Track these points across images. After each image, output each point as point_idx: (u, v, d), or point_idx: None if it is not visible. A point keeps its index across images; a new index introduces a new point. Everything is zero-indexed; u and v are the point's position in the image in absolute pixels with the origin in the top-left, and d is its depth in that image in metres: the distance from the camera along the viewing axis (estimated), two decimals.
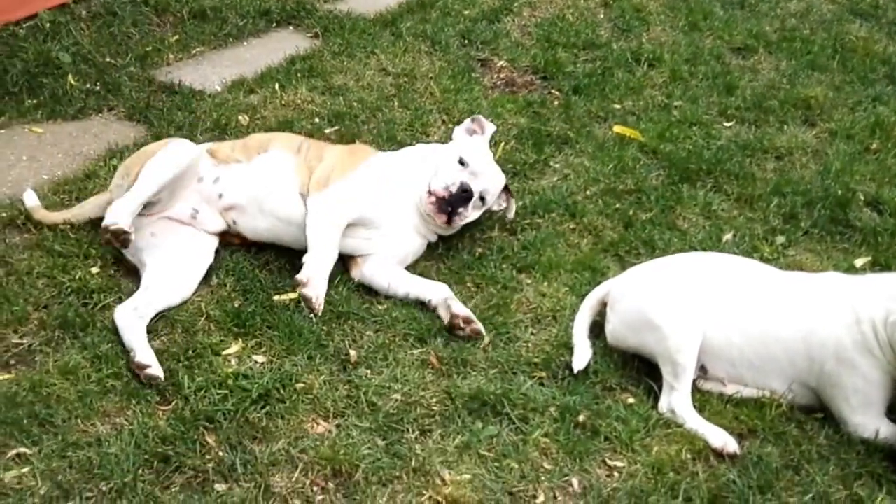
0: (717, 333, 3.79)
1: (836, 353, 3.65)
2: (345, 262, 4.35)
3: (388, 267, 4.33)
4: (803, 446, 3.61)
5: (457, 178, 4.44)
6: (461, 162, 4.49)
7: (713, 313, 3.80)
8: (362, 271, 4.32)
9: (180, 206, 4.33)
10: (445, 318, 4.12)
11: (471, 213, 4.51)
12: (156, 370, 3.70)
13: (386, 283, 4.29)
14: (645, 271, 4.04)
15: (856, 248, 4.75)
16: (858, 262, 4.61)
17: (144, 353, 3.75)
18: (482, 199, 4.52)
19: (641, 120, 5.68)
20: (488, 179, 4.54)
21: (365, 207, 4.34)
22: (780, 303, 3.80)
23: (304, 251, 4.22)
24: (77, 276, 4.13)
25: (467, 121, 4.78)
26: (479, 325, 4.08)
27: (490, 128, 4.77)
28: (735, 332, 3.79)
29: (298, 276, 4.04)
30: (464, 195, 4.42)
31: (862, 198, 5.08)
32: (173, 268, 4.12)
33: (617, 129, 5.53)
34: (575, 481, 3.45)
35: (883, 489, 3.47)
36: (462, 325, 4.07)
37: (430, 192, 4.42)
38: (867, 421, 3.63)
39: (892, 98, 6.13)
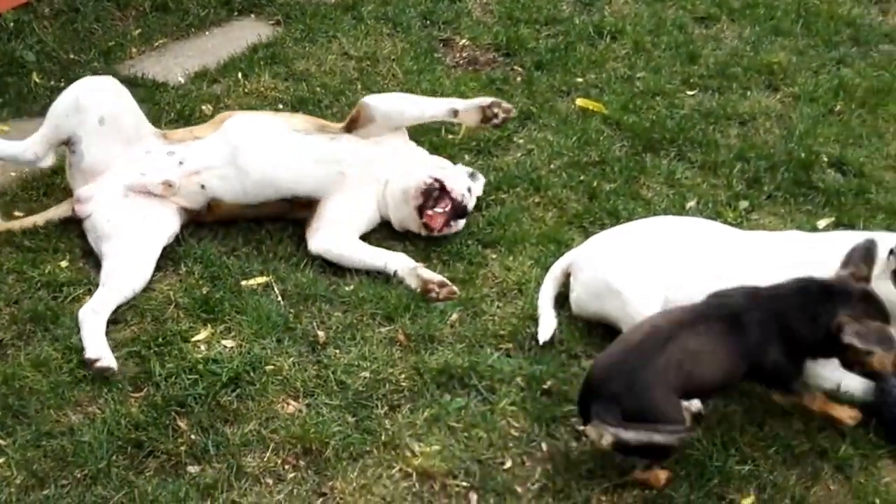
0: (679, 295, 3.79)
1: None
2: (303, 229, 4.39)
3: (346, 236, 4.33)
4: (767, 404, 3.66)
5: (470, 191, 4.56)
6: (472, 176, 4.70)
7: (674, 275, 3.83)
8: (318, 241, 4.31)
9: (127, 169, 4.33)
10: (417, 285, 4.16)
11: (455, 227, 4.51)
12: (106, 361, 3.71)
13: (342, 252, 4.28)
14: (605, 239, 4.09)
15: (819, 209, 4.77)
16: (822, 223, 4.63)
17: (94, 348, 3.75)
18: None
19: (604, 92, 5.69)
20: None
21: None
22: (741, 261, 3.83)
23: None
24: (46, 271, 4.17)
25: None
26: (453, 287, 4.15)
27: (482, 179, 4.78)
28: (697, 292, 3.79)
29: (482, 105, 4.49)
30: (463, 213, 4.48)
31: (825, 159, 5.09)
32: (128, 259, 4.12)
33: (580, 102, 5.55)
34: (543, 446, 3.52)
35: (846, 439, 3.54)
36: (437, 289, 4.12)
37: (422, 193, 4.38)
38: (828, 373, 3.64)
39: (856, 60, 6.11)
